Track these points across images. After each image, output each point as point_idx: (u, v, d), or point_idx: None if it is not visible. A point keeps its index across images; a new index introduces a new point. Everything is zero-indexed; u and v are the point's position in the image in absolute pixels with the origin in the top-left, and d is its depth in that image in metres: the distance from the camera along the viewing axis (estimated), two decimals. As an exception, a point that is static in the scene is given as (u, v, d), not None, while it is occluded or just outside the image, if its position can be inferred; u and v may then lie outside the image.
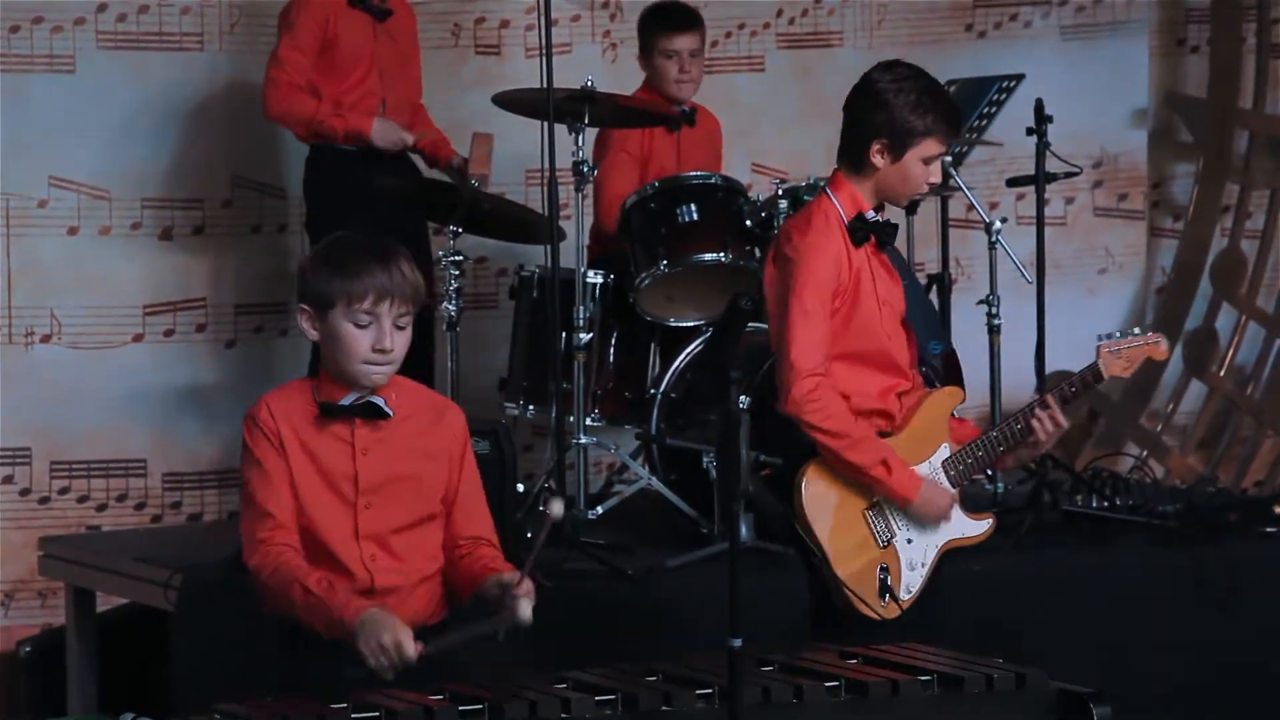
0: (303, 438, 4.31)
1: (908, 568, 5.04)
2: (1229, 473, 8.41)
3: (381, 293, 4.28)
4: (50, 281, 7.18)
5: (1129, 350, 5.27)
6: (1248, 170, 8.68)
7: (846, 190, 5.08)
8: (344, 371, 4.32)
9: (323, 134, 6.84)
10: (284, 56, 6.82)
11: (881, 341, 5.07)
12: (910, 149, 5.03)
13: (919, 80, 5.07)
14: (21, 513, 7.16)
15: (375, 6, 6.94)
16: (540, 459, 7.49)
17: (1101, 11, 8.50)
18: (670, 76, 7.14)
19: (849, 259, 5.03)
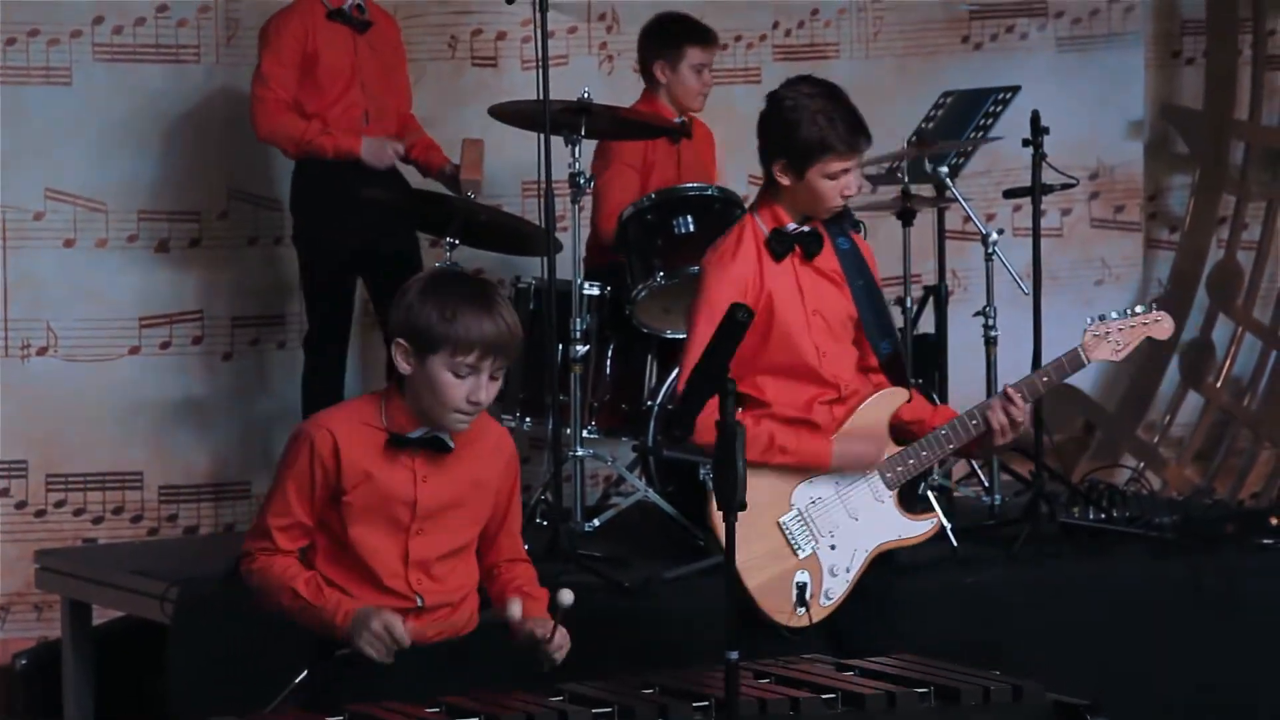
0: (366, 465, 4.29)
1: (829, 574, 5.02)
2: (1226, 484, 8.42)
3: (488, 348, 4.24)
4: (46, 294, 7.18)
5: (1122, 331, 5.19)
6: (1244, 182, 8.68)
7: (768, 209, 5.12)
8: (430, 413, 4.30)
9: (311, 152, 6.83)
10: (267, 73, 6.82)
11: (805, 354, 5.07)
12: (811, 166, 5.02)
13: (818, 97, 5.04)
14: (18, 525, 7.15)
15: (355, 19, 6.93)
16: (537, 471, 7.48)
17: (1097, 24, 8.51)
18: (694, 89, 7.17)
19: (759, 278, 5.04)
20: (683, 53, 7.16)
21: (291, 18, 6.86)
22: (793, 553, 5.00)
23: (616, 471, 7.04)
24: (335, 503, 4.30)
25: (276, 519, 4.32)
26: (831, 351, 5.12)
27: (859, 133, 5.05)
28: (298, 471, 4.29)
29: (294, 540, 4.33)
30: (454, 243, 6.70)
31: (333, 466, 4.28)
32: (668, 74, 7.20)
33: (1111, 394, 8.64)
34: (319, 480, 4.28)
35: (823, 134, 4.99)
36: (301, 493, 4.29)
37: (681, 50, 7.16)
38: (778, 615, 4.96)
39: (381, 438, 4.30)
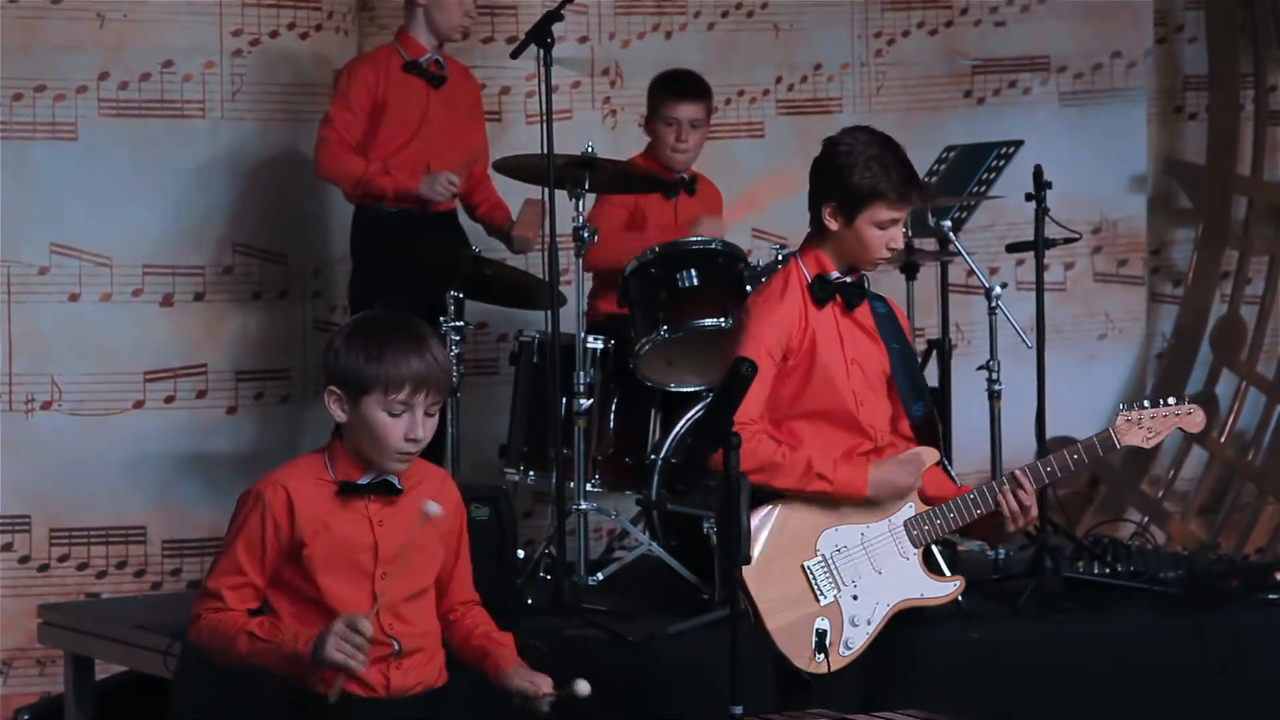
0: (323, 516, 4.31)
1: (849, 624, 5.01)
2: (1231, 539, 8.40)
3: (419, 384, 4.27)
4: (51, 348, 7.18)
5: (1155, 420, 5.26)
6: (1247, 237, 8.69)
7: (813, 254, 5.16)
8: (370, 457, 4.32)
9: (371, 192, 6.88)
10: (334, 115, 6.91)
11: (844, 400, 5.09)
12: (861, 213, 5.06)
13: (873, 145, 5.10)
14: (21, 580, 7.14)
15: (430, 73, 6.99)
16: (541, 525, 7.48)
17: (1100, 78, 8.54)
18: (667, 143, 7.17)
19: (804, 320, 5.07)
20: (656, 107, 7.18)
21: (366, 65, 6.96)
22: (815, 598, 4.99)
23: (620, 525, 7.04)
24: (296, 559, 4.30)
25: (227, 578, 4.31)
26: (869, 401, 5.14)
27: (912, 184, 5.10)
28: (249, 531, 4.30)
29: (244, 600, 4.32)
30: (459, 295, 6.71)
31: (287, 522, 4.29)
32: (650, 129, 7.22)
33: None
34: (270, 538, 4.29)
35: (875, 181, 5.03)
36: (253, 552, 4.29)
37: (657, 104, 7.18)
38: (796, 659, 4.95)
39: (332, 488, 4.32)
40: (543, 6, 7.18)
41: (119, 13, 7.21)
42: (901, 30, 8.30)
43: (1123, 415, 5.25)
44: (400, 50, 7.02)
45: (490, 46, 7.72)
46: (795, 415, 5.05)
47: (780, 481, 4.96)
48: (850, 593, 5.02)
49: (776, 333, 5.03)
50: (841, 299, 5.14)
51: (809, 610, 4.98)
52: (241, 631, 4.27)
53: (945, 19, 8.35)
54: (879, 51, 8.27)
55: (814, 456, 5.00)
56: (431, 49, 7.03)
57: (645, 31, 7.97)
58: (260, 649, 4.25)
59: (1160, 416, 5.26)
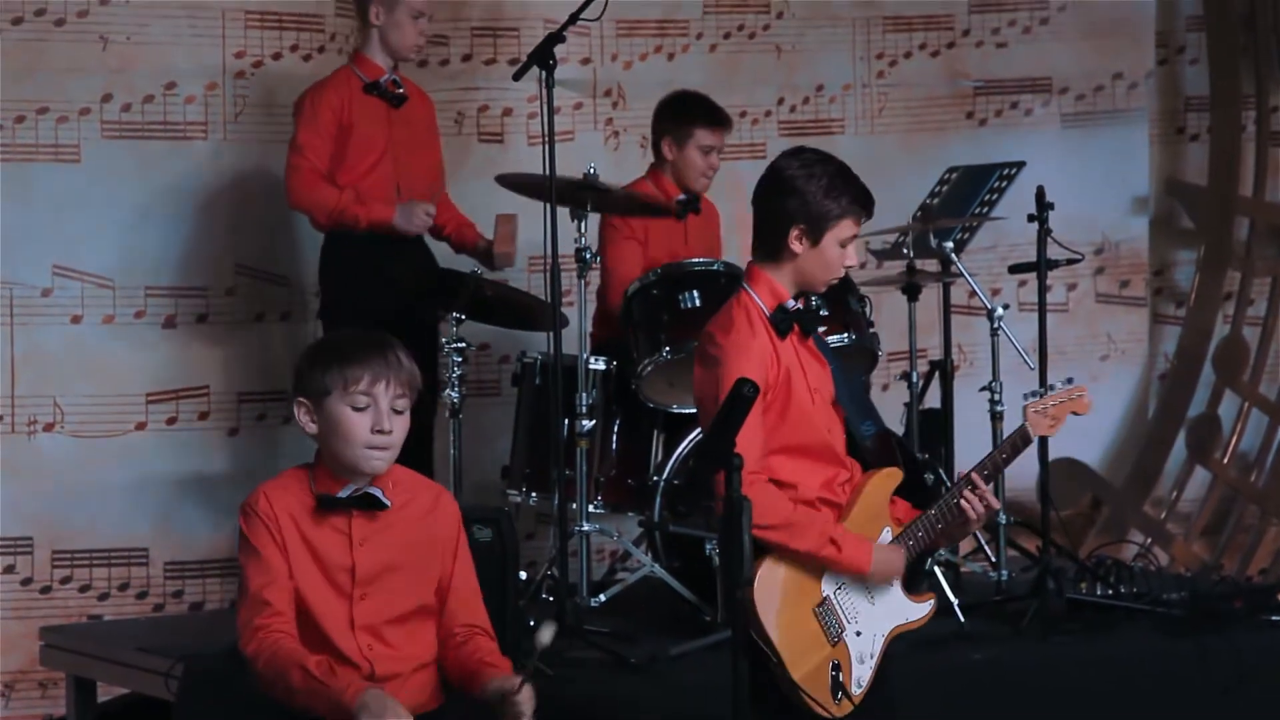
0: (301, 529, 4.31)
1: (858, 661, 5.00)
2: (1233, 560, 8.39)
3: (377, 374, 4.29)
4: (53, 370, 7.18)
5: (1054, 408, 5.23)
6: (1249, 257, 8.70)
7: (764, 282, 5.08)
8: (344, 459, 4.32)
9: (345, 223, 6.86)
10: (304, 143, 6.87)
11: (820, 432, 5.05)
12: (828, 232, 5.03)
13: (828, 164, 5.09)
14: (22, 602, 7.13)
15: (390, 93, 6.98)
16: (543, 547, 7.48)
17: (1101, 100, 8.55)
18: (698, 168, 7.20)
19: (776, 354, 5.02)
20: (691, 133, 7.20)
21: (328, 89, 6.92)
22: (827, 641, 4.97)
23: (622, 546, 7.03)
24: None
25: (263, 580, 4.30)
26: (835, 428, 5.12)
27: (871, 198, 5.10)
28: (259, 536, 4.31)
29: (287, 596, 4.30)
30: (460, 318, 6.71)
31: (277, 530, 4.30)
32: (674, 151, 7.23)
33: (1118, 469, 8.63)
34: (278, 537, 4.30)
35: (842, 199, 5.02)
36: (271, 551, 4.30)
37: (690, 130, 7.19)
38: (824, 707, 4.91)
39: (311, 502, 4.32)
40: (545, 28, 7.20)
41: (122, 35, 7.22)
42: (903, 51, 8.31)
43: (1030, 406, 5.21)
44: (358, 72, 6.98)
45: (493, 68, 7.73)
46: (773, 451, 5.00)
47: (799, 543, 4.90)
48: (854, 629, 5.01)
49: (757, 368, 4.96)
50: (799, 327, 5.10)
51: (824, 654, 4.96)
52: (297, 666, 4.25)
53: (947, 40, 8.36)
54: (881, 73, 8.28)
55: (829, 522, 4.97)
56: (388, 69, 7.01)
57: (647, 53, 7.99)
58: (313, 687, 4.23)
59: (1057, 403, 5.23)
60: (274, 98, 7.39)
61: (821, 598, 4.98)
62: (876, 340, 6.91)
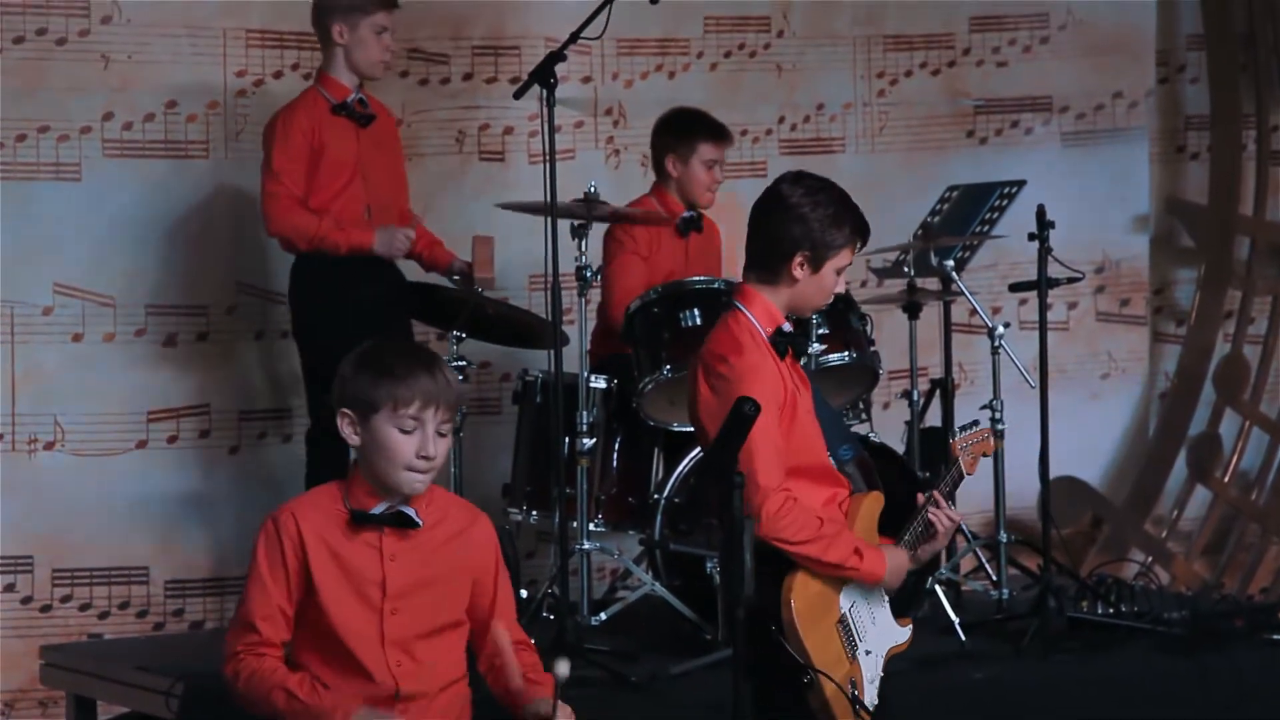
0: (331, 544, 4.30)
1: (868, 681, 5.02)
2: (1234, 579, 8.39)
3: (428, 398, 4.28)
4: (54, 389, 7.18)
5: (973, 446, 5.30)
6: (1249, 276, 8.70)
7: (760, 303, 5.10)
8: (384, 477, 4.31)
9: (324, 248, 6.84)
10: (279, 169, 6.82)
11: (820, 453, 5.09)
12: (829, 260, 5.08)
13: (830, 191, 5.12)
14: (23, 621, 7.12)
15: (358, 113, 6.96)
16: (544, 565, 7.47)
17: (1102, 119, 8.55)
18: (704, 183, 7.22)
19: (781, 374, 5.04)
20: (695, 148, 7.20)
21: (298, 113, 6.88)
22: (847, 658, 5.00)
23: (623, 565, 7.02)
24: (310, 588, 4.29)
25: (258, 608, 4.30)
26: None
27: (867, 226, 5.14)
28: (270, 559, 4.30)
29: (277, 630, 4.31)
30: (461, 336, 6.71)
31: (299, 549, 4.28)
32: (679, 168, 7.23)
33: (1119, 488, 8.63)
34: (292, 565, 4.29)
35: (844, 228, 5.06)
36: (277, 578, 4.28)
37: (694, 145, 7.20)
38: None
39: (344, 517, 4.31)
40: (546, 46, 7.21)
41: (123, 54, 7.22)
42: (904, 70, 8.31)
43: (957, 444, 5.28)
44: (324, 93, 6.91)
45: (494, 86, 7.73)
46: None
47: (832, 554, 4.93)
48: (864, 648, 5.03)
49: (774, 389, 4.99)
50: (792, 350, 5.13)
51: (844, 671, 4.98)
52: (279, 687, 4.25)
53: (948, 59, 8.37)
54: (881, 91, 8.28)
55: (856, 539, 5.00)
56: (354, 88, 6.98)
57: (648, 71, 7.99)
58: (297, 709, 4.23)
59: (974, 443, 5.29)
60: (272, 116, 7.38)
61: (840, 615, 5.00)
62: (877, 359, 6.91)
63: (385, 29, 6.92)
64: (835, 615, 4.98)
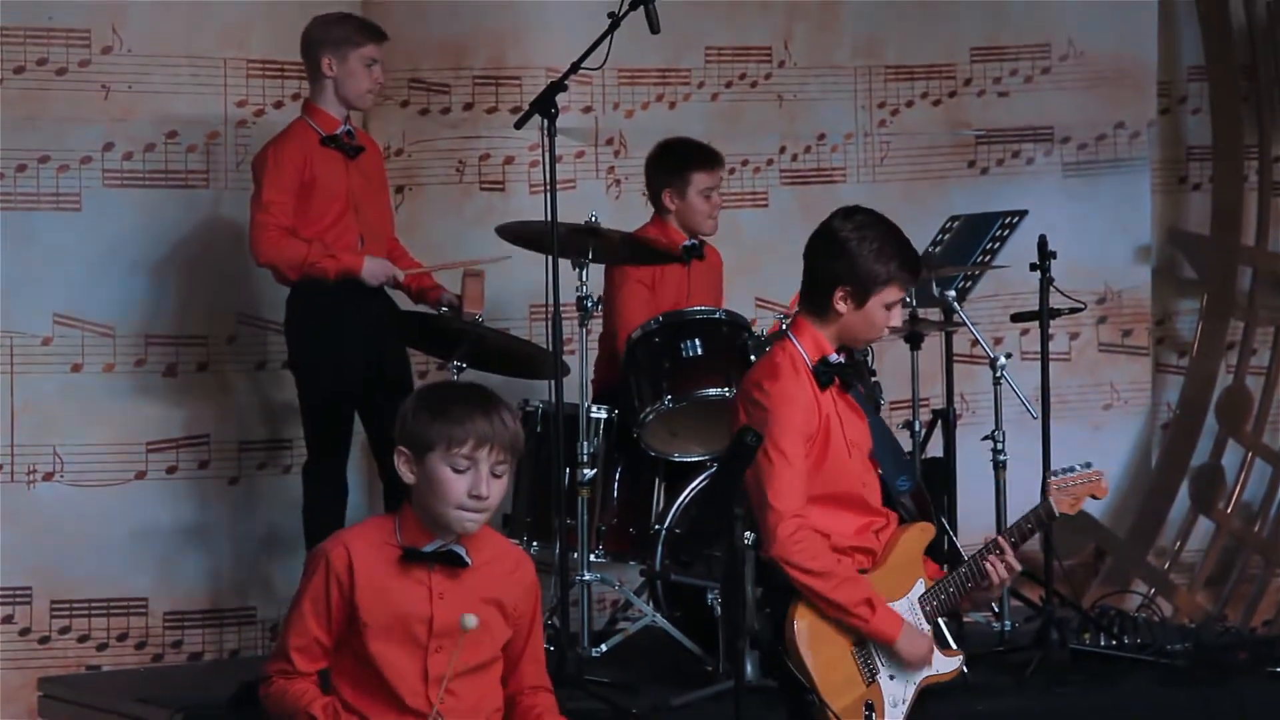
0: (381, 580, 4.30)
1: (890, 704, 5.02)
2: (1237, 611, 8.36)
3: (481, 439, 4.27)
4: (53, 419, 7.16)
5: (1075, 487, 5.30)
6: (1251, 307, 8.69)
7: (809, 334, 5.16)
8: (437, 515, 4.30)
9: (314, 275, 6.83)
10: (268, 200, 6.80)
11: (854, 483, 5.10)
12: (874, 295, 5.12)
13: (879, 227, 5.15)
14: (21, 653, 7.10)
15: (347, 144, 6.96)
16: (544, 596, 7.42)
17: (1104, 149, 8.55)
18: (704, 212, 7.21)
19: (818, 404, 5.07)
20: (689, 179, 7.20)
21: (288, 144, 6.88)
22: (862, 681, 5.00)
23: (624, 596, 7.00)
24: (354, 621, 4.29)
25: (295, 638, 4.33)
26: (870, 482, 5.18)
27: (919, 263, 5.18)
28: (314, 590, 4.30)
29: (312, 660, 4.32)
30: (461, 366, 6.70)
31: (348, 583, 4.28)
32: (676, 201, 7.22)
33: (1122, 520, 8.60)
34: (335, 598, 4.28)
35: (891, 265, 5.09)
36: (318, 611, 4.29)
37: (687, 176, 7.20)
38: None
39: (396, 553, 4.30)
40: (547, 76, 7.20)
41: (124, 84, 7.22)
42: (905, 100, 8.31)
43: (1054, 483, 5.29)
44: (313, 125, 6.92)
45: (494, 116, 7.73)
46: (810, 499, 5.06)
47: (836, 594, 4.96)
48: (888, 673, 5.03)
49: (806, 416, 5.06)
50: (840, 381, 5.15)
51: (858, 694, 4.99)
52: (304, 712, 4.27)
53: (949, 89, 8.37)
54: (882, 121, 8.28)
55: (869, 586, 5.01)
56: (342, 119, 6.97)
57: (649, 101, 7.99)
58: None
59: (1080, 484, 5.30)
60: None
61: (859, 637, 5.01)
62: (879, 389, 6.90)
63: (375, 61, 6.92)
64: (853, 637, 4.99)
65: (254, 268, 7.29)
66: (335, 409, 6.92)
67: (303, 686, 4.30)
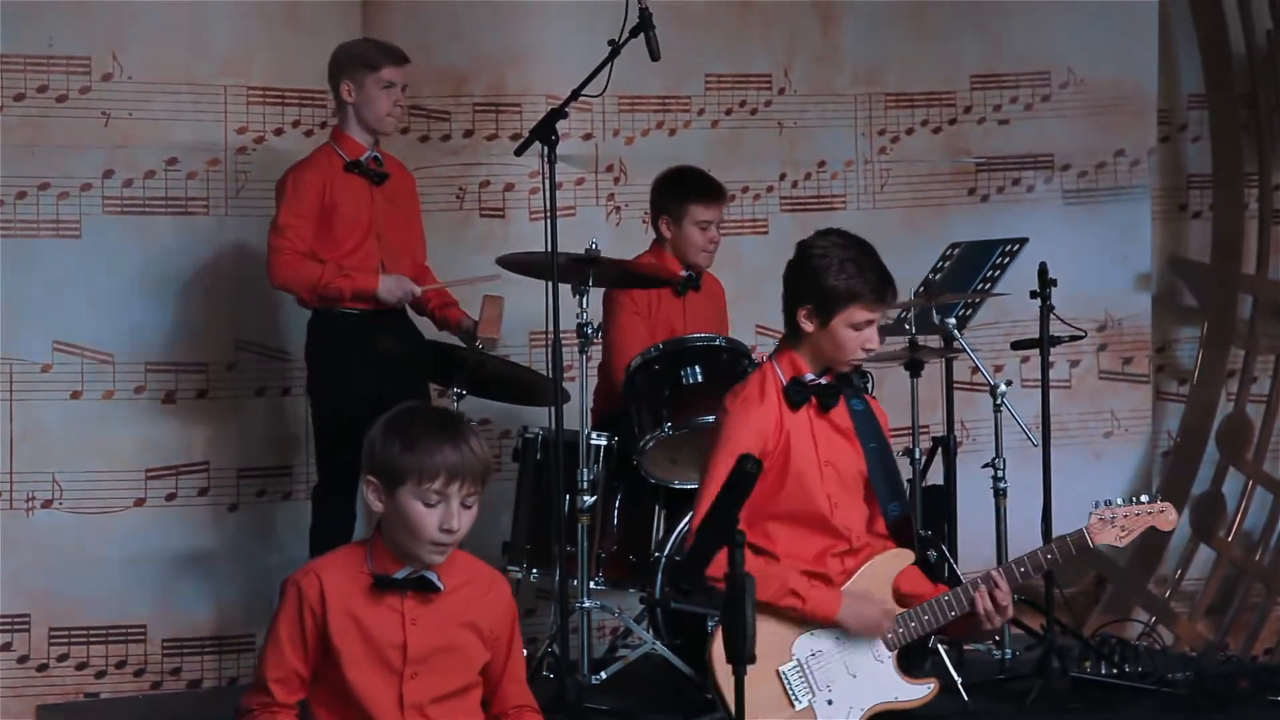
0: (353, 608, 4.28)
1: None
2: (1238, 640, 8.34)
3: (453, 473, 4.24)
4: (52, 446, 7.16)
5: (1127, 519, 5.27)
6: (1252, 335, 8.68)
7: (787, 356, 5.23)
8: (405, 547, 4.29)
9: (329, 296, 6.84)
10: (284, 224, 6.83)
11: (817, 503, 5.10)
12: (837, 314, 5.11)
13: (848, 248, 5.15)
14: (19, 680, 7.09)
15: (371, 170, 6.97)
16: (544, 623, 7.43)
17: (1104, 177, 8.55)
18: (699, 244, 7.19)
19: (780, 423, 5.08)
20: (686, 209, 7.19)
21: (310, 170, 6.90)
22: (789, 703, 4.98)
23: (624, 623, 6.99)
24: (328, 650, 4.27)
25: (272, 670, 4.30)
26: (843, 503, 5.14)
27: (887, 285, 5.15)
28: (288, 620, 4.28)
29: (291, 692, 4.30)
30: (461, 393, 6.70)
31: (320, 612, 4.27)
32: (672, 229, 7.22)
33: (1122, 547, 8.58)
34: (309, 627, 4.27)
35: (851, 282, 5.08)
36: (294, 642, 4.27)
37: (685, 207, 7.19)
38: None
39: (367, 581, 4.29)
40: (547, 103, 7.21)
41: (124, 111, 7.23)
42: (905, 128, 8.32)
43: (1096, 514, 5.28)
44: (339, 150, 6.96)
45: (494, 143, 7.73)
46: (769, 517, 5.08)
47: (757, 594, 4.93)
48: (825, 697, 5.00)
49: (753, 435, 5.08)
50: (817, 400, 5.16)
51: (785, 715, 4.95)
52: None
53: (949, 116, 8.37)
54: (883, 148, 8.28)
55: (790, 574, 5.00)
56: (369, 146, 7.00)
57: (649, 128, 8.00)
58: None
59: (1133, 515, 5.28)
60: (276, 173, 7.36)
61: (791, 659, 4.98)
62: (879, 416, 6.89)
63: (393, 84, 6.94)
64: (782, 659, 4.97)
65: (254, 294, 7.30)
66: (348, 436, 6.91)
67: (283, 718, 4.28)
